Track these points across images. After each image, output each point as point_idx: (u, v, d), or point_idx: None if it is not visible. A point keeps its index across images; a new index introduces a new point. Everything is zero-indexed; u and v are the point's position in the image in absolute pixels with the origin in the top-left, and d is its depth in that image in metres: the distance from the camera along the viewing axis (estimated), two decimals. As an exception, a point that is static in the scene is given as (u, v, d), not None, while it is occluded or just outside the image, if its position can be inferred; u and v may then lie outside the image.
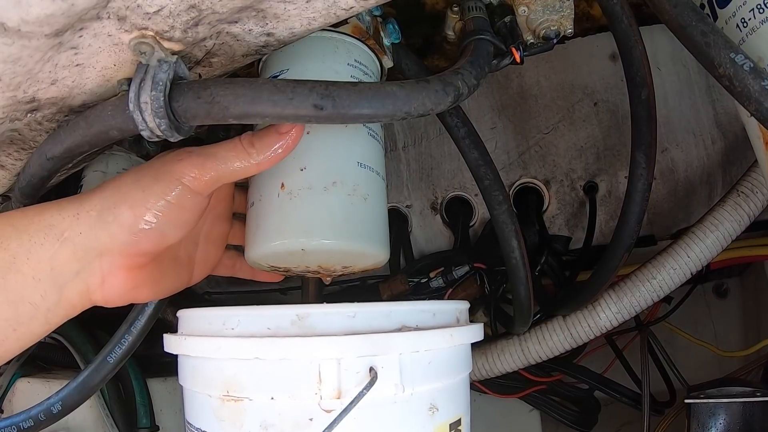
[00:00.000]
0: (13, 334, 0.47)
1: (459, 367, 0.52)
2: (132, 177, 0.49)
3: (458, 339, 0.50)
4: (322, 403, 0.44)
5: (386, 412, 0.46)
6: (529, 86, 0.92)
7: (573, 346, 0.79)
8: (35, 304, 0.46)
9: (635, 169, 0.63)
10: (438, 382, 0.49)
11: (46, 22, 0.38)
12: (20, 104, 0.47)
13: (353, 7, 0.46)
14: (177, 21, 0.43)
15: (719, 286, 1.14)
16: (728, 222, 0.72)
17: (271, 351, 0.44)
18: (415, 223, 0.94)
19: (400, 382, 0.45)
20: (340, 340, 0.44)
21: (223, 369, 0.46)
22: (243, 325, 0.47)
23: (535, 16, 0.58)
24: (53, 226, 0.47)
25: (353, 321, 0.46)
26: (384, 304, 0.48)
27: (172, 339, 0.51)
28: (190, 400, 0.51)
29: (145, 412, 0.86)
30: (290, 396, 0.44)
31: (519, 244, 0.62)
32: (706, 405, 0.78)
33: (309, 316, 0.45)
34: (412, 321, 0.48)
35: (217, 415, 0.47)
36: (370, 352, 0.44)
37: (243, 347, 0.45)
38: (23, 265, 0.46)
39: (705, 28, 0.47)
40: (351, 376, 0.44)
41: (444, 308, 0.52)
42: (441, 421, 0.48)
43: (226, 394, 0.46)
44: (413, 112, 0.44)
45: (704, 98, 0.91)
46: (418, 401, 0.47)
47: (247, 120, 0.43)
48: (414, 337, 0.46)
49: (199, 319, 0.50)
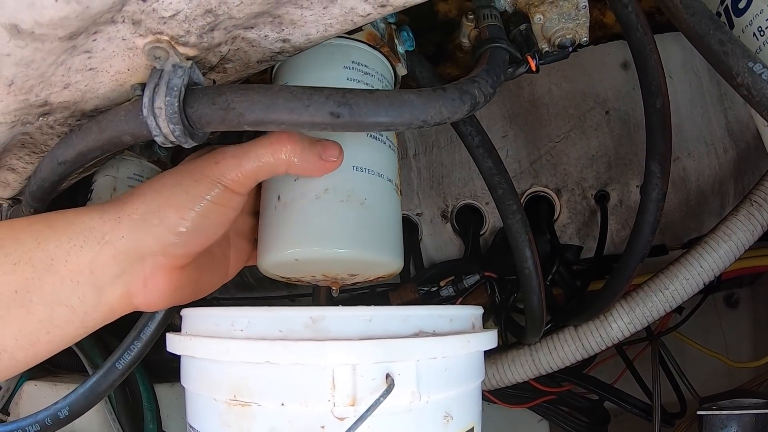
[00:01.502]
0: (45, 337, 0.46)
1: (473, 375, 0.50)
2: (171, 180, 0.49)
3: (475, 345, 0.49)
4: (335, 410, 0.42)
5: (401, 421, 0.44)
6: (540, 95, 0.92)
7: (584, 356, 0.78)
8: (72, 306, 0.46)
9: (650, 178, 0.63)
10: (453, 390, 0.47)
11: (60, 25, 0.38)
12: (32, 108, 0.47)
13: (370, 13, 0.45)
14: (193, 26, 0.42)
15: (730, 296, 1.14)
16: (741, 232, 0.71)
17: (284, 355, 0.42)
18: (426, 232, 0.94)
19: (416, 390, 0.43)
20: (356, 345, 0.42)
21: (231, 372, 0.44)
22: (253, 327, 0.45)
23: (550, 24, 0.58)
24: (93, 229, 0.46)
25: (369, 325, 0.44)
26: (401, 308, 0.46)
27: (175, 339, 0.49)
28: (193, 403, 0.49)
29: (152, 418, 0.86)
30: (301, 402, 0.42)
31: (532, 253, 0.62)
32: (718, 417, 0.77)
33: (323, 319, 0.44)
34: (429, 326, 0.47)
35: (223, 420, 0.45)
36: (387, 359, 0.42)
37: (253, 350, 0.43)
38: (61, 267, 0.45)
39: (723, 36, 0.47)
40: (366, 383, 0.42)
41: (460, 314, 0.50)
42: (455, 429, 0.47)
43: (233, 399, 0.44)
44: (430, 121, 0.43)
45: (716, 107, 0.90)
46: (433, 409, 0.45)
47: (263, 127, 0.43)
48: (432, 343, 0.45)
49: (206, 319, 0.49)
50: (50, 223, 0.47)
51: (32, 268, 0.44)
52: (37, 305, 0.45)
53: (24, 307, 0.44)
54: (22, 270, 0.44)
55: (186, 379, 0.50)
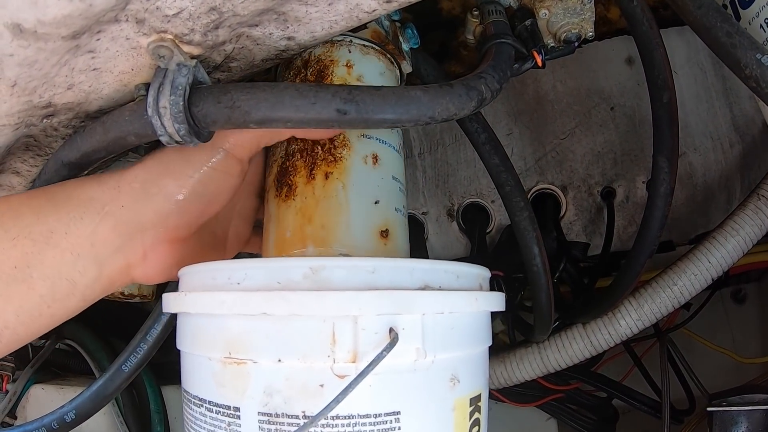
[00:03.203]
0: (47, 311, 0.45)
1: (481, 337, 0.48)
2: (173, 149, 0.48)
3: (483, 304, 0.46)
4: (335, 367, 0.40)
5: (405, 381, 0.41)
6: (545, 91, 0.92)
7: (593, 354, 0.78)
8: (73, 280, 0.45)
9: (657, 173, 0.62)
10: (460, 351, 0.45)
11: (64, 24, 0.38)
12: (36, 109, 0.47)
13: (376, 9, 0.45)
14: (197, 24, 0.42)
15: (737, 291, 1.13)
16: (749, 226, 0.71)
17: (281, 306, 0.39)
18: (432, 230, 0.93)
19: (422, 347, 0.41)
20: (358, 295, 0.40)
21: (226, 327, 0.42)
22: (250, 279, 0.42)
23: (556, 20, 0.58)
24: (93, 200, 0.46)
25: (373, 276, 0.41)
26: (406, 260, 0.44)
27: (170, 297, 0.47)
28: (188, 366, 0.47)
29: (159, 420, 0.85)
30: (300, 358, 0.40)
31: (540, 250, 0.61)
32: (728, 413, 0.77)
33: (324, 269, 0.41)
34: (436, 281, 0.44)
35: (218, 381, 0.42)
36: (391, 310, 0.40)
37: (249, 302, 0.40)
38: (61, 240, 0.45)
39: (730, 29, 0.46)
40: (369, 337, 0.40)
41: (468, 271, 0.48)
42: (462, 394, 0.44)
43: (228, 356, 0.41)
44: (437, 117, 0.43)
45: (721, 101, 0.90)
46: (439, 370, 0.43)
47: (269, 125, 0.42)
48: (439, 297, 0.43)
49: (203, 274, 0.46)
50: (49, 196, 0.46)
51: (32, 243, 0.44)
52: (37, 280, 0.44)
53: (25, 283, 0.44)
54: (22, 245, 0.44)
55: (181, 340, 0.48)
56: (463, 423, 0.44)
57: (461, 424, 0.44)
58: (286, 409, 0.40)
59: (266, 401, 0.40)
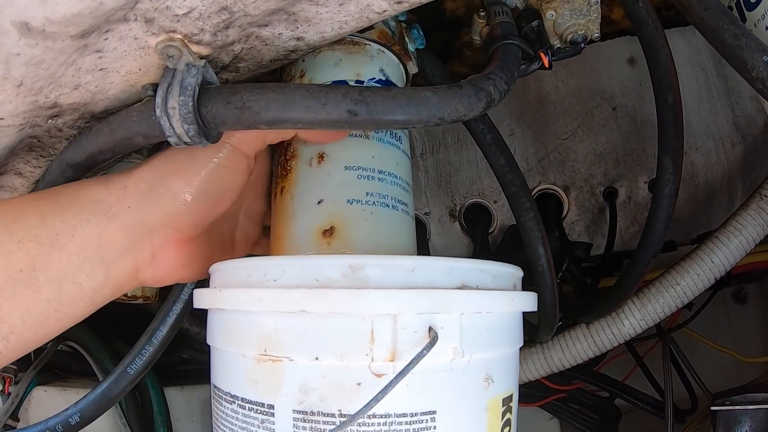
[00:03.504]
0: (54, 315, 0.45)
1: (514, 337, 0.49)
2: (180, 148, 0.48)
3: (519, 304, 0.47)
4: (372, 366, 0.40)
5: (441, 380, 0.41)
6: (547, 92, 0.92)
7: (596, 353, 0.78)
8: (80, 284, 0.45)
9: (662, 174, 0.63)
10: (495, 351, 0.45)
11: (73, 22, 0.37)
12: (41, 110, 0.46)
13: (386, 10, 0.45)
14: (207, 24, 0.42)
15: (738, 291, 1.14)
16: (751, 226, 0.71)
17: (320, 304, 0.39)
18: (434, 231, 0.93)
19: (459, 347, 0.41)
20: (398, 293, 0.40)
21: (262, 324, 0.42)
22: (287, 276, 0.42)
23: (562, 21, 0.58)
24: (100, 201, 0.46)
25: (412, 275, 0.41)
26: (445, 259, 0.44)
27: (204, 292, 0.47)
28: (219, 362, 0.47)
29: (162, 422, 0.85)
30: (337, 357, 0.40)
31: (545, 251, 0.61)
32: (731, 412, 0.77)
33: (363, 267, 0.41)
34: (473, 281, 0.44)
35: (251, 378, 0.43)
36: (430, 309, 0.40)
37: (288, 299, 0.40)
38: (68, 242, 0.44)
39: (737, 30, 0.47)
40: (408, 336, 0.40)
41: (503, 271, 0.48)
42: (495, 394, 0.45)
43: (263, 354, 0.41)
44: (447, 118, 0.43)
45: (723, 101, 0.90)
46: (474, 370, 0.43)
47: (279, 126, 0.42)
48: (477, 296, 0.43)
49: (237, 270, 0.46)
50: (54, 198, 0.46)
51: (37, 245, 0.43)
52: (43, 284, 0.43)
53: (31, 287, 0.43)
54: (27, 248, 0.43)
55: (213, 336, 0.48)
56: (495, 423, 0.45)
57: (494, 424, 0.45)
58: (322, 407, 0.40)
59: (302, 399, 0.40)
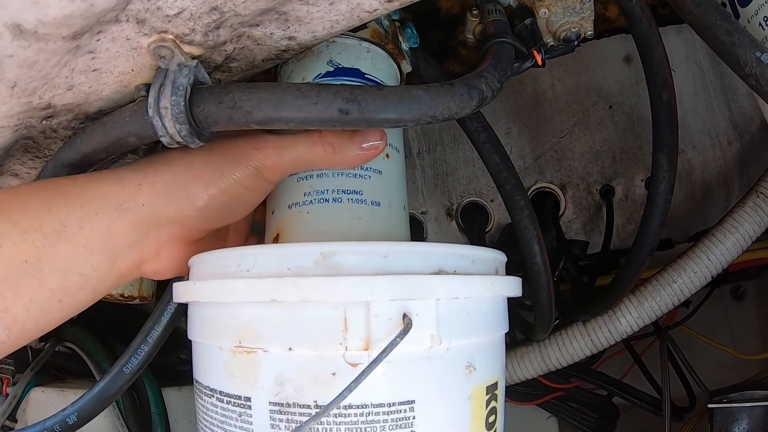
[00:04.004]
0: (57, 305, 0.44)
1: (497, 323, 0.47)
2: (203, 156, 0.48)
3: (500, 288, 0.45)
4: (347, 355, 0.39)
5: (419, 369, 0.40)
6: (543, 90, 0.92)
7: (593, 352, 0.78)
8: (85, 275, 0.44)
9: (657, 171, 0.63)
10: (476, 338, 0.44)
11: (64, 24, 0.37)
12: (36, 111, 0.46)
13: (377, 9, 0.45)
14: (198, 24, 0.42)
15: (736, 288, 1.14)
16: (748, 224, 0.71)
17: (291, 292, 0.38)
18: (431, 230, 0.93)
19: (437, 333, 0.40)
20: (370, 280, 0.38)
21: (237, 316, 0.41)
22: (260, 266, 0.42)
23: (555, 18, 0.58)
24: (111, 195, 0.45)
25: (385, 261, 0.40)
26: (420, 243, 0.43)
27: (180, 286, 0.47)
28: (199, 356, 0.47)
29: (160, 422, 0.85)
30: (311, 346, 0.39)
31: (541, 249, 0.61)
32: (729, 409, 0.77)
33: (335, 254, 0.40)
34: (450, 266, 0.43)
35: (228, 371, 0.42)
36: (404, 296, 0.39)
37: (258, 289, 0.40)
38: (75, 234, 0.44)
39: (730, 27, 0.47)
40: (381, 324, 0.38)
41: (484, 256, 0.46)
42: (478, 381, 0.43)
43: (238, 345, 0.41)
44: (438, 116, 0.43)
45: (719, 99, 0.90)
46: (454, 357, 0.42)
47: (271, 125, 0.42)
48: (454, 281, 0.41)
49: (212, 262, 0.46)
50: (60, 189, 0.45)
51: (43, 236, 0.43)
52: (48, 274, 0.43)
53: (35, 278, 0.43)
54: (33, 238, 0.42)
55: (192, 329, 0.47)
56: (479, 412, 0.44)
57: (478, 412, 0.43)
58: (298, 398, 0.39)
59: (277, 391, 0.40)
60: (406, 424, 0.39)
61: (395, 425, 0.39)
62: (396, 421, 0.39)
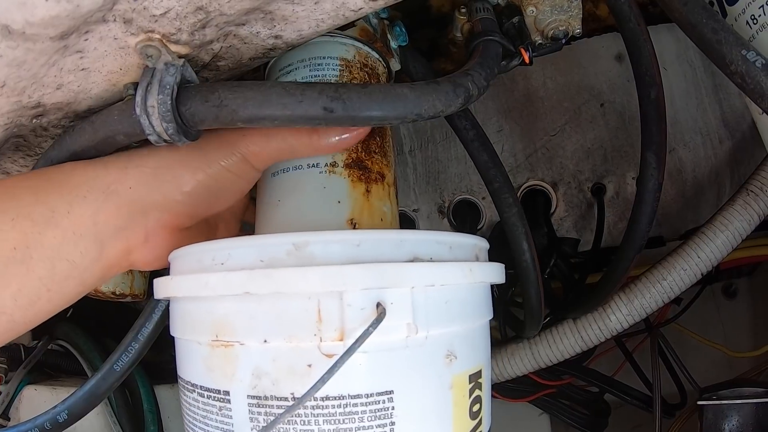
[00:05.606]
0: (46, 295, 0.44)
1: (479, 310, 0.46)
2: (189, 143, 0.48)
3: (479, 275, 0.44)
4: (322, 346, 0.38)
5: (397, 359, 0.40)
6: (535, 88, 0.92)
7: (584, 349, 0.78)
8: (73, 261, 0.44)
9: (645, 169, 0.63)
10: (456, 326, 0.43)
11: (51, 24, 0.38)
12: (25, 109, 0.47)
13: (362, 8, 0.45)
14: (184, 23, 0.42)
15: (728, 286, 1.14)
16: (738, 221, 0.71)
17: (264, 284, 0.38)
18: (423, 227, 0.93)
19: (413, 322, 0.39)
20: (341, 269, 0.38)
21: (212, 310, 0.41)
22: (234, 259, 0.41)
23: (543, 17, 0.58)
24: (98, 178, 0.45)
25: (358, 250, 0.40)
26: (394, 231, 0.42)
27: (159, 282, 0.47)
28: (180, 352, 0.47)
29: (152, 420, 0.85)
30: (286, 338, 0.39)
31: (529, 246, 0.61)
32: (718, 407, 0.78)
33: (307, 245, 0.40)
34: (426, 253, 0.42)
35: (207, 365, 0.42)
36: (377, 284, 0.38)
37: (231, 281, 0.39)
38: (63, 219, 0.43)
39: (716, 25, 0.47)
40: (355, 314, 0.38)
41: (462, 242, 0.46)
42: (460, 370, 0.43)
43: (215, 339, 0.41)
44: (424, 114, 0.43)
45: (711, 98, 0.90)
46: (433, 346, 0.41)
47: (257, 123, 0.43)
48: (429, 268, 0.41)
49: (188, 257, 0.45)
50: (46, 176, 0.46)
51: (32, 223, 0.43)
52: (37, 261, 0.43)
53: (24, 264, 0.42)
54: (21, 225, 0.42)
55: (173, 325, 0.47)
56: (462, 401, 0.43)
57: (460, 402, 0.43)
58: (275, 391, 0.39)
59: (255, 384, 0.40)
60: (385, 414, 0.39)
61: (374, 416, 0.39)
62: (375, 412, 0.39)
